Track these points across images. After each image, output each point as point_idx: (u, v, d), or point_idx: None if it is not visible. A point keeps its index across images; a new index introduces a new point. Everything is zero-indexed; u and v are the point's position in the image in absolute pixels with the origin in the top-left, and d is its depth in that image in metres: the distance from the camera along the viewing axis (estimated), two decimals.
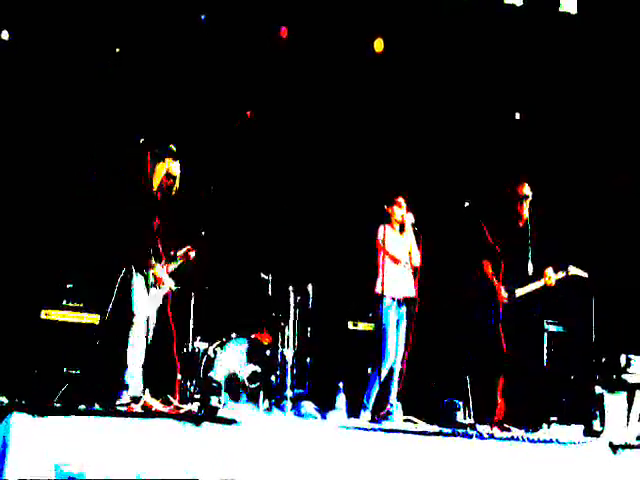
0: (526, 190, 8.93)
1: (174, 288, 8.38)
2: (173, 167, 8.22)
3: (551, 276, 8.78)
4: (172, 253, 8.37)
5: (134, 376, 7.86)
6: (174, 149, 8.26)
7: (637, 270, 10.60)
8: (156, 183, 8.18)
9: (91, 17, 9.68)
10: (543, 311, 9.08)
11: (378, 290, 8.73)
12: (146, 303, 8.04)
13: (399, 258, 8.81)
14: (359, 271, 9.24)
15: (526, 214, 8.91)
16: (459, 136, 11.29)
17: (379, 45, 10.84)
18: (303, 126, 10.95)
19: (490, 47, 10.84)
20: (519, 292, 8.77)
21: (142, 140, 8.35)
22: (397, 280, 8.76)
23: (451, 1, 10.07)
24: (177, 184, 8.26)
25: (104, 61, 9.95)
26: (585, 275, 8.89)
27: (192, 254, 8.44)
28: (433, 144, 11.28)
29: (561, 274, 8.84)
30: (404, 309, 8.84)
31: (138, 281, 8.06)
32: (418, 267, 8.93)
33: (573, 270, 8.86)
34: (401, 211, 8.92)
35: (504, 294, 8.72)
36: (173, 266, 8.36)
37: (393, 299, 8.70)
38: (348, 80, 10.85)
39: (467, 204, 9.29)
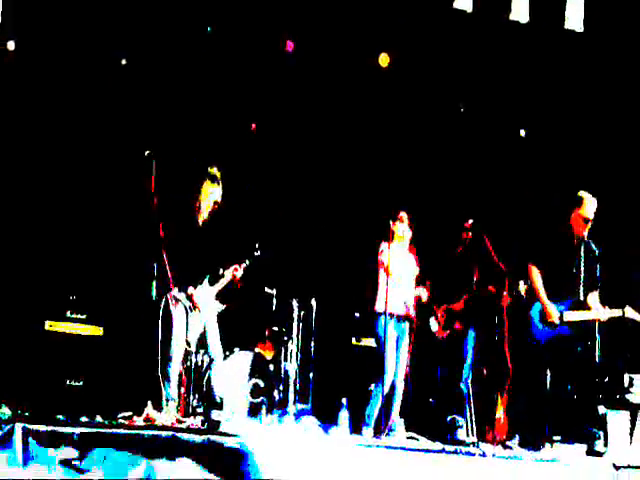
0: (591, 213, 8.37)
1: (219, 309, 8.43)
2: (218, 194, 8.36)
3: (605, 312, 8.31)
4: (220, 273, 8.43)
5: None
6: (215, 172, 8.35)
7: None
8: (205, 210, 8.31)
9: (98, 28, 9.68)
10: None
11: (378, 306, 8.72)
12: (183, 328, 8.12)
13: (399, 274, 8.78)
14: (362, 287, 9.24)
15: (585, 234, 8.42)
16: (463, 152, 11.30)
17: (384, 60, 10.85)
18: (307, 142, 10.95)
19: (495, 63, 10.85)
20: (568, 317, 8.30)
21: (147, 152, 8.36)
22: (398, 297, 8.74)
23: (456, 17, 10.07)
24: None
25: (111, 72, 9.96)
26: (639, 319, 8.38)
27: (238, 274, 8.49)
28: (436, 160, 11.29)
29: (617, 313, 8.32)
30: (405, 325, 8.84)
31: (178, 308, 8.13)
32: (415, 282, 8.93)
33: (630, 313, 8.33)
34: (403, 227, 8.91)
35: (553, 312, 8.30)
36: (217, 287, 8.41)
37: (392, 315, 8.68)
38: (352, 95, 10.86)
39: (471, 221, 9.28)
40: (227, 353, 9.13)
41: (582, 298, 8.40)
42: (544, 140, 11.32)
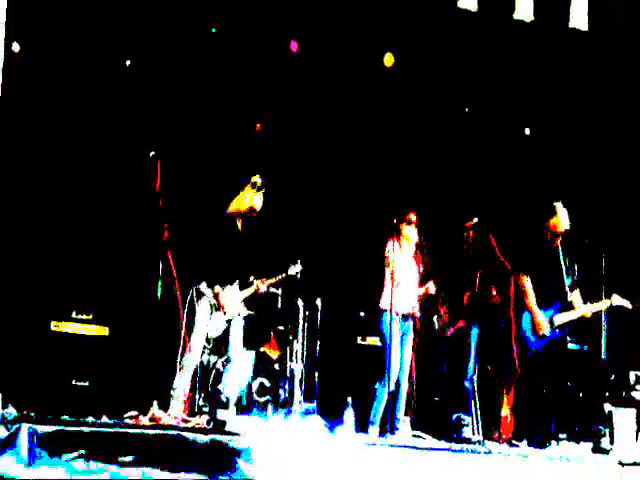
0: (565, 225, 8.57)
1: (244, 314, 8.45)
2: (256, 201, 8.33)
3: (591, 307, 8.50)
4: (250, 280, 8.45)
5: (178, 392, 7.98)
6: (258, 182, 8.34)
7: None
8: (235, 209, 8.32)
9: (103, 29, 9.70)
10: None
11: (383, 305, 8.73)
12: (205, 323, 8.13)
13: (402, 274, 8.78)
14: (368, 285, 9.24)
15: (558, 242, 8.63)
16: (468, 151, 11.30)
17: (389, 60, 10.85)
18: (313, 140, 10.95)
19: (499, 62, 10.85)
20: (557, 321, 8.49)
21: (152, 153, 8.38)
22: (402, 295, 8.75)
23: (461, 17, 10.07)
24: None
25: (116, 73, 9.97)
26: (628, 305, 8.58)
27: (262, 288, 8.51)
28: (442, 159, 11.29)
29: (604, 304, 8.54)
30: (410, 324, 8.84)
31: (203, 302, 8.15)
32: (418, 283, 8.94)
33: (617, 300, 8.53)
34: (410, 227, 8.91)
35: (544, 323, 8.46)
36: (245, 294, 8.43)
37: (397, 314, 8.69)
38: (358, 95, 10.86)
39: (476, 220, 9.28)
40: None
41: (569, 299, 8.56)
42: (548, 139, 11.31)
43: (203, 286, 8.19)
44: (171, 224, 8.29)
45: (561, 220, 8.59)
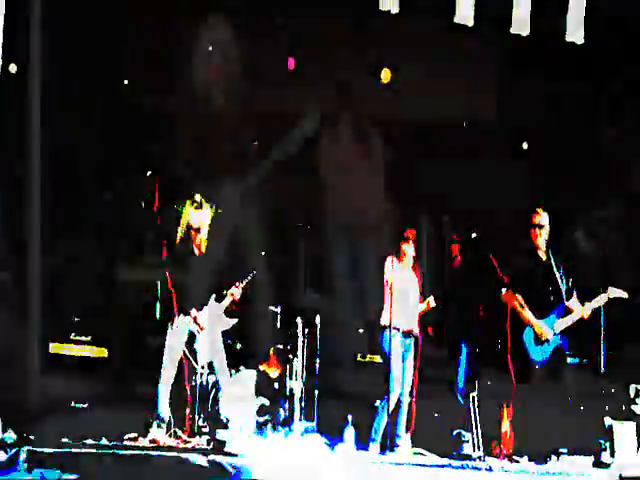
0: (540, 219, 8.56)
1: (229, 325, 8.45)
2: (192, 217, 8.23)
3: (589, 305, 8.49)
4: (224, 292, 8.43)
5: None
6: (198, 199, 8.25)
7: None
8: (180, 235, 8.22)
9: (101, 50, 9.73)
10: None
11: (383, 321, 8.74)
12: (175, 348, 8.15)
13: (403, 291, 8.79)
14: (367, 303, 9.25)
15: (542, 244, 8.60)
16: (466, 166, 11.31)
17: (386, 76, 10.89)
18: (310, 151, 10.98)
19: (496, 76, 10.89)
20: (559, 327, 8.48)
21: (150, 172, 8.40)
22: (403, 312, 8.76)
23: (457, 30, 10.10)
24: (203, 234, 8.27)
25: (112, 91, 10.00)
26: (625, 295, 8.56)
27: (237, 294, 8.47)
28: (440, 174, 11.30)
29: (601, 300, 8.53)
30: (410, 341, 8.85)
31: (178, 328, 8.14)
32: (420, 298, 8.96)
33: (613, 292, 8.52)
34: (407, 244, 8.92)
35: (545, 329, 8.43)
36: (224, 304, 8.42)
37: (398, 331, 8.71)
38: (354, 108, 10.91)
39: (474, 235, 9.29)
40: (233, 372, 9.15)
41: (568, 305, 8.54)
42: (545, 152, 11.33)
43: (180, 318, 8.17)
44: (169, 243, 8.29)
45: (537, 216, 8.58)
